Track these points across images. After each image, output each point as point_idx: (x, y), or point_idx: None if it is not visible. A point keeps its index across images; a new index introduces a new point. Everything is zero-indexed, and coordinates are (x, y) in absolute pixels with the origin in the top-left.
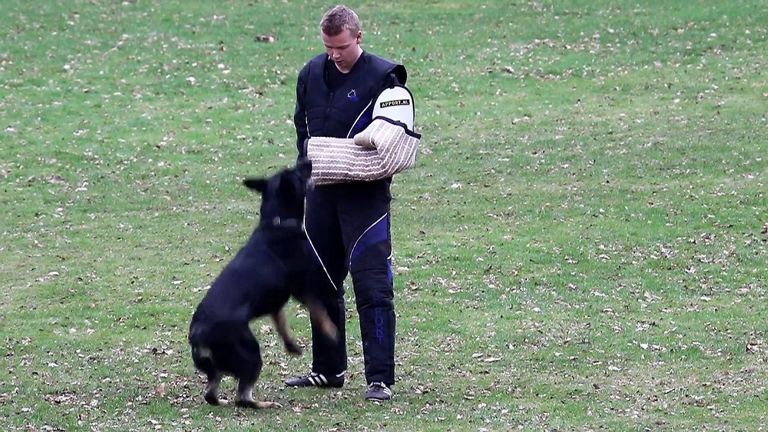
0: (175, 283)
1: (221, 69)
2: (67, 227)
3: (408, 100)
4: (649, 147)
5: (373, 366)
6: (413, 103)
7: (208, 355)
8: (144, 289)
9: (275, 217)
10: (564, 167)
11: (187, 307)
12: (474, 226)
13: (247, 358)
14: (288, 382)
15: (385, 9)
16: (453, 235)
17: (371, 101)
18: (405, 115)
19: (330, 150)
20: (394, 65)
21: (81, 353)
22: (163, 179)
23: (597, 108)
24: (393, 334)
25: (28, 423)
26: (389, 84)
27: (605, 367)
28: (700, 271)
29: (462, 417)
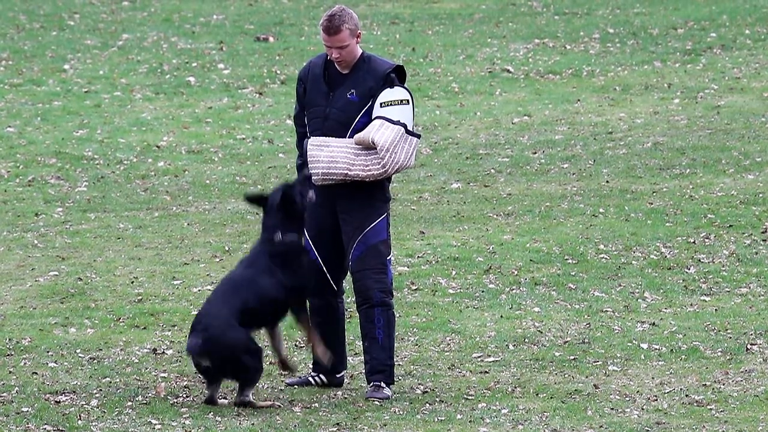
0: (175, 283)
1: (221, 69)
2: (67, 227)
3: (408, 100)
4: (649, 147)
5: (373, 366)
6: (413, 103)
7: (208, 364)
8: (144, 289)
9: (276, 231)
10: (564, 167)
11: (187, 307)
12: (474, 226)
13: (248, 363)
14: (288, 382)
15: (385, 9)
16: (453, 235)
17: (371, 101)
18: (405, 114)
19: (330, 150)
20: (393, 65)
21: (81, 353)
22: (163, 179)
23: (597, 108)
24: (393, 334)
25: (28, 423)
26: (389, 84)
27: (605, 367)
28: (700, 271)
29: (462, 417)
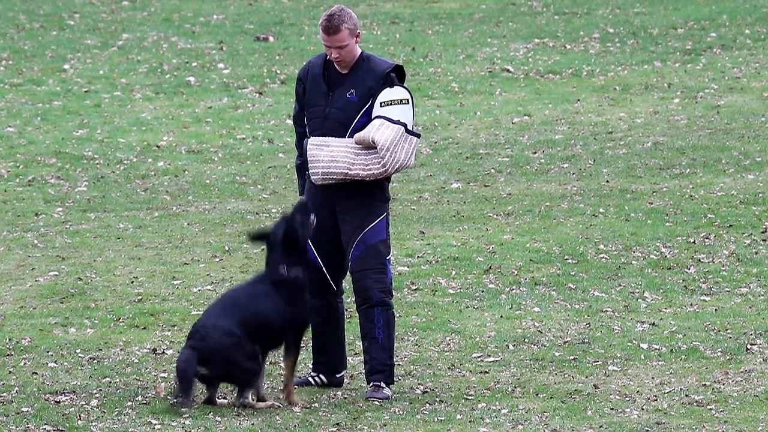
0: (175, 283)
1: (221, 69)
2: (67, 227)
3: (408, 100)
4: (649, 147)
5: (373, 366)
6: (413, 102)
7: (206, 372)
8: (144, 289)
9: (281, 266)
10: (564, 167)
11: (187, 307)
12: (474, 226)
13: (246, 366)
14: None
15: (385, 9)
16: (453, 235)
17: (370, 101)
18: (405, 114)
19: (330, 150)
20: (393, 65)
21: (81, 353)
22: (163, 179)
23: (597, 108)
24: (393, 334)
25: (28, 423)
26: (389, 83)
27: (605, 367)
28: (700, 271)
29: (462, 417)
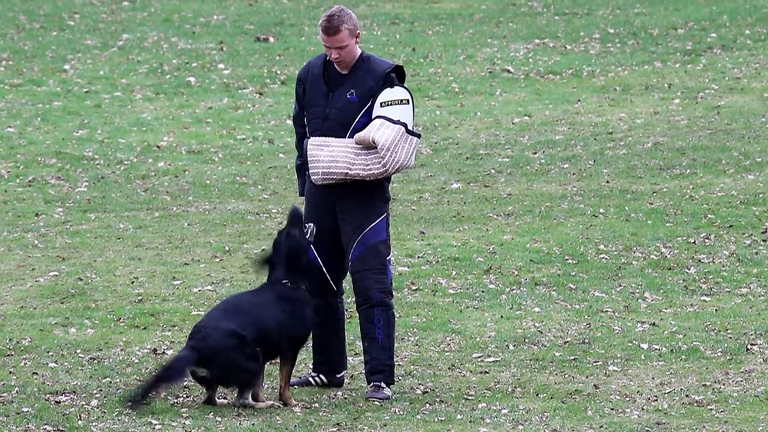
0: (175, 283)
1: (221, 69)
2: (67, 227)
3: (408, 100)
4: (649, 147)
5: (373, 366)
6: (413, 102)
7: (205, 374)
8: (144, 289)
9: (285, 282)
10: (564, 167)
11: (187, 307)
12: (474, 226)
13: (247, 367)
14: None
15: (385, 9)
16: (453, 235)
17: (371, 101)
18: (405, 114)
19: (330, 150)
20: (393, 65)
21: (81, 353)
22: (163, 179)
23: (597, 108)
24: (393, 334)
25: (28, 423)
26: (389, 83)
27: (605, 367)
28: (700, 271)
29: (462, 417)
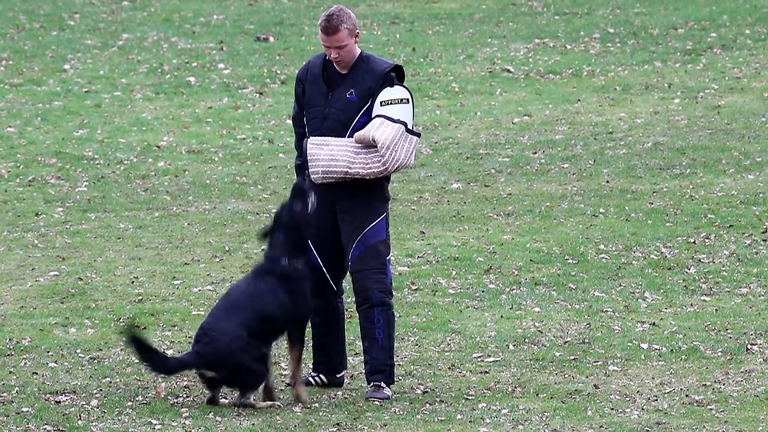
0: (175, 283)
1: (221, 69)
2: (67, 227)
3: (408, 99)
4: (649, 147)
5: (373, 366)
6: (413, 102)
7: (213, 375)
8: (144, 289)
9: (282, 258)
10: (564, 167)
11: (188, 307)
12: (474, 226)
13: (255, 368)
14: (288, 382)
15: (385, 9)
16: (453, 235)
17: (370, 101)
18: (405, 113)
19: (330, 149)
20: (392, 65)
21: (81, 353)
22: (163, 179)
23: (597, 108)
24: (393, 334)
25: (28, 423)
26: (389, 83)
27: (605, 367)
28: (700, 271)
29: (462, 417)
